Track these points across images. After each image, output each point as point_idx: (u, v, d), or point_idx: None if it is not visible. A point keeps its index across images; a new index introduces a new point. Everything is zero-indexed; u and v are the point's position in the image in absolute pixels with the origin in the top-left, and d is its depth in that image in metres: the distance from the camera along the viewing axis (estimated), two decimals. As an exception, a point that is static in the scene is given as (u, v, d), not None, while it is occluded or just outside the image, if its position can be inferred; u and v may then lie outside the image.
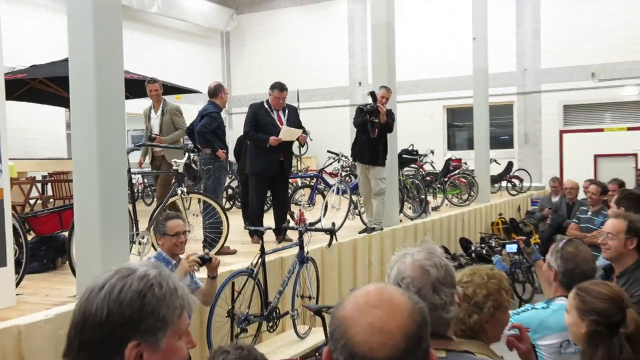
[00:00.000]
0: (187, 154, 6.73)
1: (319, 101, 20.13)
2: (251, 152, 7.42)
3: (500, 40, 17.20)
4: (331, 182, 9.76)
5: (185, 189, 6.30)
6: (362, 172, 8.25)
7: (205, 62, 21.16)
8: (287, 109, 7.47)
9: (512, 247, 4.29)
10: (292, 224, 7.67)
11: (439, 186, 12.46)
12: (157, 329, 1.32)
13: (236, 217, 8.58)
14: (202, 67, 20.63)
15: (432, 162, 13.27)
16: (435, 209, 11.37)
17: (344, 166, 9.60)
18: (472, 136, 14.32)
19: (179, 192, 6.20)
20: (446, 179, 12.71)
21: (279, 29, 21.44)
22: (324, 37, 20.74)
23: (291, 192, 10.14)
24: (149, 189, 14.19)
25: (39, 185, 11.01)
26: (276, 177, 7.36)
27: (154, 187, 14.35)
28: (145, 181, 14.53)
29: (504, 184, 15.61)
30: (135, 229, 5.79)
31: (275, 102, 7.34)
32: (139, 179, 14.49)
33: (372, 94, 7.97)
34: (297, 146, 8.74)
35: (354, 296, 1.27)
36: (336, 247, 6.78)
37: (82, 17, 4.40)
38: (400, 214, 9.45)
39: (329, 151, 10.63)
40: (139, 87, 9.09)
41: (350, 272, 7.29)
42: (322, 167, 14.02)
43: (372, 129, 7.85)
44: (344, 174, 9.29)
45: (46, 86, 10.13)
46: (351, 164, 9.38)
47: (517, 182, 15.64)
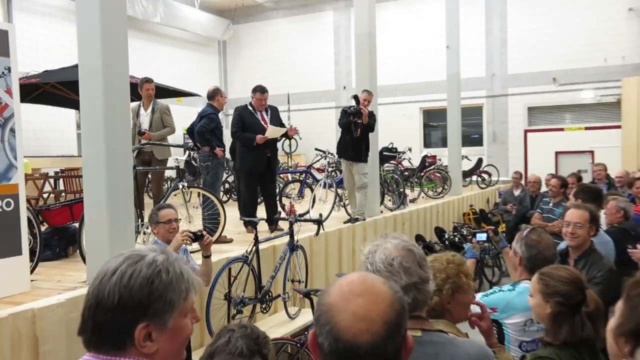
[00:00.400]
0: (187, 152, 6.71)
1: (307, 103, 20.10)
2: (240, 151, 7.40)
3: (471, 48, 17.27)
4: (318, 177, 9.76)
5: (186, 184, 6.28)
6: (347, 168, 8.25)
7: (203, 68, 21.08)
8: (269, 110, 7.45)
9: (481, 236, 4.30)
10: (283, 215, 7.69)
11: (415, 180, 12.50)
12: (165, 311, 1.32)
13: (232, 209, 8.56)
14: (201, 72, 20.55)
15: (410, 158, 13.33)
16: (412, 201, 11.42)
17: (330, 162, 9.59)
18: (446, 135, 14.36)
19: (180, 186, 6.17)
20: (422, 174, 12.75)
21: (272, 38, 21.39)
22: (312, 46, 20.72)
23: (282, 186, 10.12)
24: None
25: (52, 180, 10.94)
26: (264, 172, 7.35)
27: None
28: (149, 176, 14.43)
29: (475, 178, 15.67)
30: (140, 220, 5.75)
31: (257, 104, 7.32)
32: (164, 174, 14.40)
33: (356, 97, 7.96)
34: (288, 144, 8.72)
35: (338, 284, 1.26)
36: (323, 236, 6.80)
37: (90, 26, 4.37)
38: (381, 206, 9.47)
39: (316, 149, 10.62)
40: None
41: (336, 259, 7.29)
42: (310, 163, 13.98)
43: (355, 129, 7.85)
44: (330, 169, 9.28)
45: (58, 90, 10.03)
46: (337, 160, 9.37)
47: (486, 176, 15.72)
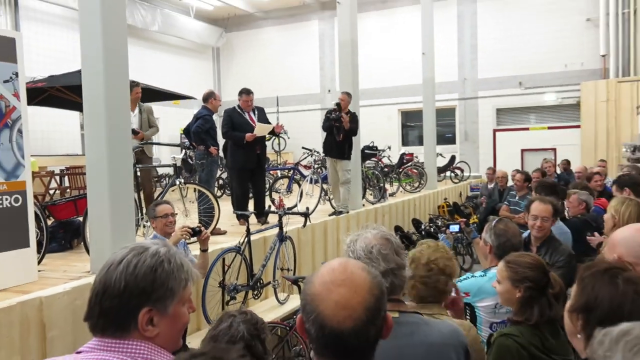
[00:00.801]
0: (184, 151, 6.67)
1: (295, 105, 20.06)
2: (232, 150, 7.37)
3: (444, 55, 17.34)
4: (305, 173, 9.76)
5: (183, 180, 6.24)
6: (331, 165, 8.25)
7: (199, 73, 20.97)
8: (256, 110, 7.42)
9: (454, 227, 4.33)
10: (273, 208, 7.68)
11: (394, 176, 12.54)
12: (166, 298, 1.34)
13: (226, 203, 8.52)
14: (196, 77, 20.45)
15: (389, 156, 13.38)
16: (392, 194, 11.44)
17: (316, 160, 9.57)
18: (422, 134, 14.42)
19: (178, 182, 6.13)
20: (401, 170, 12.80)
21: (262, 45, 21.31)
22: (299, 52, 20.68)
23: (272, 182, 10.11)
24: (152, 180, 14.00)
25: (57, 177, 10.83)
26: (255, 168, 7.33)
27: (156, 178, 14.21)
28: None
29: (448, 173, 15.75)
30: (140, 214, 5.71)
31: (244, 105, 7.31)
32: (153, 172, 14.30)
33: (338, 105, 7.90)
34: (277, 143, 8.67)
35: (321, 274, 1.26)
36: (310, 228, 6.80)
37: (93, 34, 4.33)
38: (363, 199, 9.48)
39: (303, 147, 10.61)
40: (142, 93, 8.95)
41: (321, 248, 7.30)
42: (297, 161, 13.99)
43: (338, 133, 7.84)
44: (316, 166, 9.27)
45: (63, 93, 9.91)
46: (322, 158, 9.36)
47: (458, 172, 15.80)
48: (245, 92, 7.31)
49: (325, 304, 1.19)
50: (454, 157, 16.16)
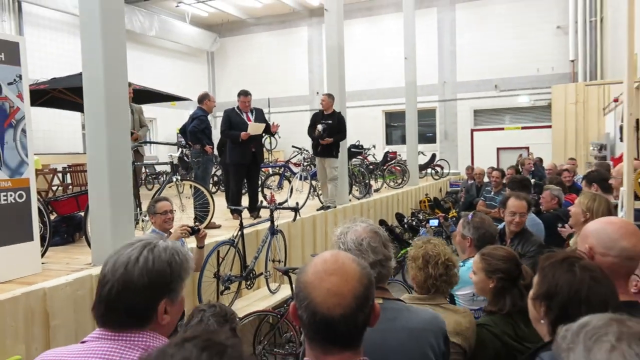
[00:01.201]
0: (180, 149, 6.64)
1: (285, 107, 20.03)
2: (229, 147, 7.34)
3: (425, 59, 17.38)
4: (295, 170, 9.75)
5: (179, 177, 6.21)
6: (320, 163, 8.25)
7: (194, 76, 20.85)
8: (254, 111, 7.39)
9: (434, 222, 4.38)
10: (264, 203, 7.67)
11: (379, 173, 12.56)
12: (178, 287, 1.37)
13: (220, 199, 8.48)
14: (192, 79, 20.33)
15: (374, 154, 13.39)
16: (376, 190, 11.47)
17: (305, 158, 9.58)
18: (405, 134, 14.45)
19: (175, 179, 6.10)
20: (385, 167, 12.83)
21: (254, 50, 21.23)
22: (289, 56, 20.64)
23: (264, 179, 10.09)
24: (150, 177, 13.91)
25: (60, 174, 10.72)
26: (250, 165, 7.31)
27: (155, 175, 14.12)
28: (147, 170, 14.23)
29: (429, 171, 15.84)
30: (139, 209, 5.67)
31: (242, 106, 7.28)
32: (142, 169, 14.19)
33: (323, 129, 7.87)
34: (269, 142, 8.65)
35: (314, 264, 1.27)
36: (300, 222, 6.80)
37: (93, 38, 4.30)
38: (349, 195, 9.49)
39: (293, 146, 10.60)
40: (140, 95, 8.89)
41: (311, 241, 7.30)
42: (288, 158, 13.97)
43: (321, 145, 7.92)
44: (305, 164, 9.27)
45: (65, 95, 9.80)
46: (311, 156, 9.36)
47: (439, 169, 15.88)
48: (243, 94, 7.29)
49: (317, 292, 1.20)
50: (434, 155, 16.23)
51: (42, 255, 4.67)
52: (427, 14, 18.10)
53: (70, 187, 10.15)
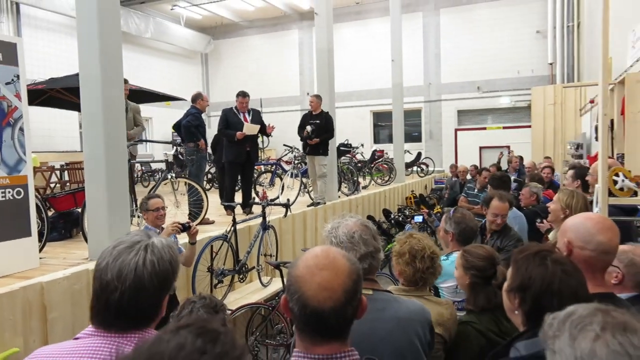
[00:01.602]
0: (175, 148, 6.58)
1: (277, 107, 19.98)
2: (225, 146, 7.32)
3: (411, 62, 17.44)
4: (287, 168, 9.72)
5: (174, 174, 6.17)
6: (310, 161, 8.25)
7: (188, 77, 20.74)
8: (251, 111, 7.37)
9: (418, 218, 4.39)
10: (257, 200, 7.65)
11: (367, 170, 12.60)
12: (174, 281, 1.38)
13: (214, 195, 8.46)
14: (186, 80, 20.21)
15: (362, 152, 13.42)
16: (364, 187, 11.49)
17: (296, 156, 9.57)
18: (392, 133, 14.48)
19: (169, 177, 6.06)
20: (372, 165, 12.86)
21: (247, 52, 21.15)
22: (281, 58, 20.59)
23: (256, 176, 10.05)
24: (146, 175, 13.82)
25: (58, 172, 10.60)
26: (245, 163, 7.28)
27: (150, 172, 14.03)
28: (143, 168, 14.14)
29: (415, 168, 15.88)
30: (134, 206, 5.63)
31: (240, 106, 7.25)
32: (138, 166, 14.09)
33: (311, 130, 7.92)
34: (261, 140, 8.62)
35: (305, 259, 1.27)
36: (291, 217, 6.78)
37: (90, 40, 4.24)
38: (338, 192, 9.49)
39: (285, 145, 10.59)
40: (136, 95, 8.83)
41: (301, 236, 7.30)
42: (279, 157, 13.95)
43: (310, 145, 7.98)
44: (296, 162, 9.26)
45: (62, 95, 9.70)
46: (302, 154, 9.35)
47: (424, 167, 15.93)
48: (242, 95, 7.27)
49: (308, 286, 1.20)
50: (420, 154, 16.28)
51: (40, 250, 4.62)
52: (413, 19, 18.14)
53: (67, 184, 10.04)
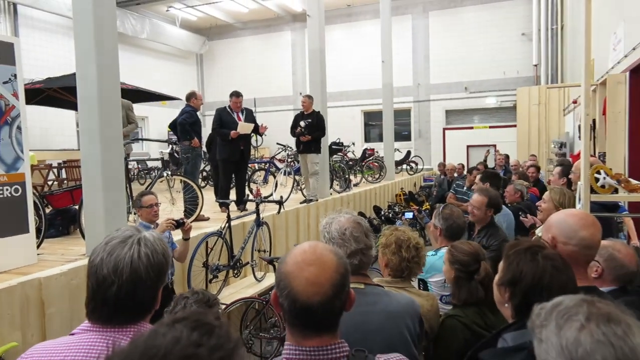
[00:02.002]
0: (170, 146, 6.55)
1: (270, 106, 19.93)
2: (219, 144, 7.29)
3: (401, 62, 17.45)
4: (280, 166, 9.71)
5: (170, 172, 6.14)
6: (302, 159, 8.24)
7: (183, 77, 20.62)
8: (244, 111, 7.35)
9: (408, 215, 4.40)
10: (251, 197, 7.62)
11: (358, 168, 12.60)
12: (168, 272, 1.37)
13: (209, 193, 8.43)
14: (182, 80, 20.10)
15: (353, 151, 13.44)
16: (355, 185, 11.50)
17: (289, 154, 9.54)
18: (382, 132, 14.50)
19: (165, 174, 6.03)
20: (363, 163, 12.87)
21: (240, 52, 21.06)
22: (274, 58, 20.53)
23: (250, 174, 10.02)
24: (142, 173, 13.73)
25: (55, 170, 10.49)
26: (238, 162, 7.26)
27: (147, 170, 13.94)
28: (139, 166, 14.04)
29: (404, 166, 15.92)
30: (131, 203, 5.59)
31: (234, 106, 7.23)
32: (135, 164, 14.01)
33: (304, 126, 7.91)
34: (255, 139, 8.60)
35: (293, 255, 1.26)
36: (284, 214, 6.78)
37: (86, 40, 4.21)
38: (330, 189, 9.50)
39: (278, 143, 10.57)
40: (132, 95, 8.77)
41: (294, 232, 7.30)
42: (273, 155, 13.92)
43: (302, 141, 7.96)
44: (289, 160, 9.23)
45: (59, 94, 9.60)
46: (294, 152, 9.34)
47: (413, 165, 15.98)
48: (235, 95, 7.25)
49: (297, 281, 1.19)
50: (409, 152, 16.32)
51: (38, 246, 4.58)
52: (402, 21, 18.16)
53: (65, 181, 9.95)
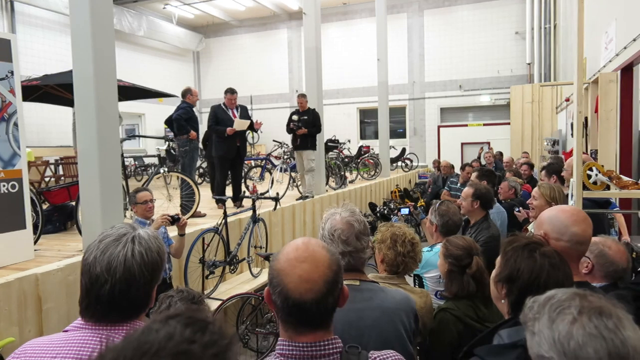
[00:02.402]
0: (167, 143, 6.53)
1: (266, 104, 19.89)
2: (215, 141, 7.27)
3: (396, 61, 17.46)
4: (276, 163, 9.69)
5: (166, 169, 6.12)
6: (298, 155, 8.22)
7: (180, 74, 20.52)
8: (239, 108, 7.32)
9: (405, 211, 4.40)
10: (247, 193, 7.62)
11: (353, 165, 12.60)
12: (162, 270, 1.34)
13: (205, 189, 8.42)
14: (178, 77, 20.01)
15: (349, 148, 13.45)
16: (351, 181, 11.50)
17: (285, 151, 9.52)
18: (377, 129, 14.50)
19: (162, 171, 6.00)
20: (359, 160, 12.86)
21: (237, 50, 20.98)
22: (270, 56, 20.46)
23: (246, 171, 10.01)
24: (139, 169, 13.69)
25: (52, 166, 10.46)
26: (234, 158, 7.24)
27: (143, 167, 13.90)
28: (136, 163, 13.99)
29: (399, 163, 15.93)
30: (128, 199, 5.57)
31: (229, 102, 7.21)
32: (131, 161, 13.96)
33: (296, 124, 7.93)
34: (251, 136, 8.58)
35: (286, 252, 1.25)
36: (280, 211, 6.79)
37: (83, 37, 4.17)
38: (326, 186, 9.50)
39: (274, 140, 10.54)
40: (129, 92, 8.70)
41: (290, 228, 7.30)
42: (269, 152, 13.91)
43: (298, 137, 7.94)
44: (285, 157, 9.21)
45: (56, 91, 9.51)
46: (290, 149, 9.32)
47: (408, 162, 15.99)
48: (230, 92, 7.23)
49: (289, 278, 1.18)
50: (404, 150, 16.33)
51: (35, 242, 4.56)
52: (397, 19, 18.14)
53: (62, 178, 9.92)
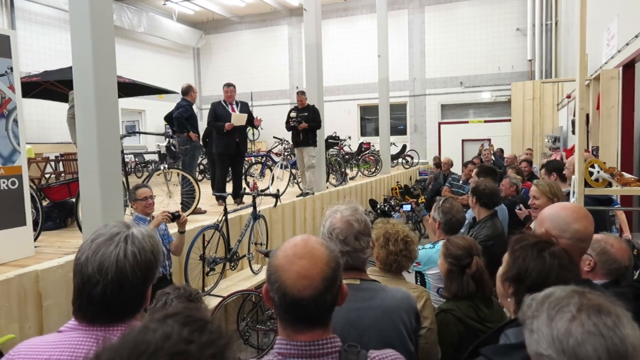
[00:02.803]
0: (167, 139, 6.52)
1: (267, 100, 19.88)
2: (215, 138, 7.26)
3: (397, 57, 17.43)
4: (276, 159, 9.68)
5: (167, 165, 6.11)
6: (299, 152, 8.23)
7: (180, 70, 20.50)
8: (240, 104, 7.31)
9: (407, 207, 4.37)
10: (247, 190, 7.61)
11: (354, 162, 12.59)
12: (157, 268, 1.32)
13: (206, 186, 8.41)
14: (179, 74, 19.98)
15: (350, 145, 13.42)
16: (352, 178, 11.49)
17: (285, 148, 9.51)
18: (378, 126, 14.48)
19: (162, 168, 6.00)
20: (359, 157, 12.85)
21: (237, 46, 20.95)
22: (271, 53, 20.43)
23: (247, 167, 10.00)
24: (139, 166, 13.68)
25: (52, 163, 10.45)
26: (234, 154, 7.23)
27: (144, 164, 13.89)
28: (136, 159, 13.99)
29: (400, 160, 15.90)
30: (128, 196, 5.56)
31: (226, 96, 7.20)
32: (132, 157, 13.96)
33: (296, 120, 7.94)
34: (252, 133, 8.57)
35: (284, 248, 1.24)
36: (280, 207, 6.78)
37: (83, 34, 4.15)
38: (327, 183, 9.49)
39: (274, 137, 10.52)
40: (129, 88, 8.71)
41: (290, 225, 7.29)
42: (270, 149, 13.88)
43: (298, 132, 7.98)
44: (286, 153, 9.21)
45: (56, 87, 9.52)
46: (291, 146, 9.31)
47: (409, 159, 15.96)
48: (226, 85, 7.25)
49: (287, 275, 1.17)
50: (405, 146, 16.31)
51: (35, 239, 4.56)
52: (398, 15, 18.10)
53: (62, 174, 9.91)
